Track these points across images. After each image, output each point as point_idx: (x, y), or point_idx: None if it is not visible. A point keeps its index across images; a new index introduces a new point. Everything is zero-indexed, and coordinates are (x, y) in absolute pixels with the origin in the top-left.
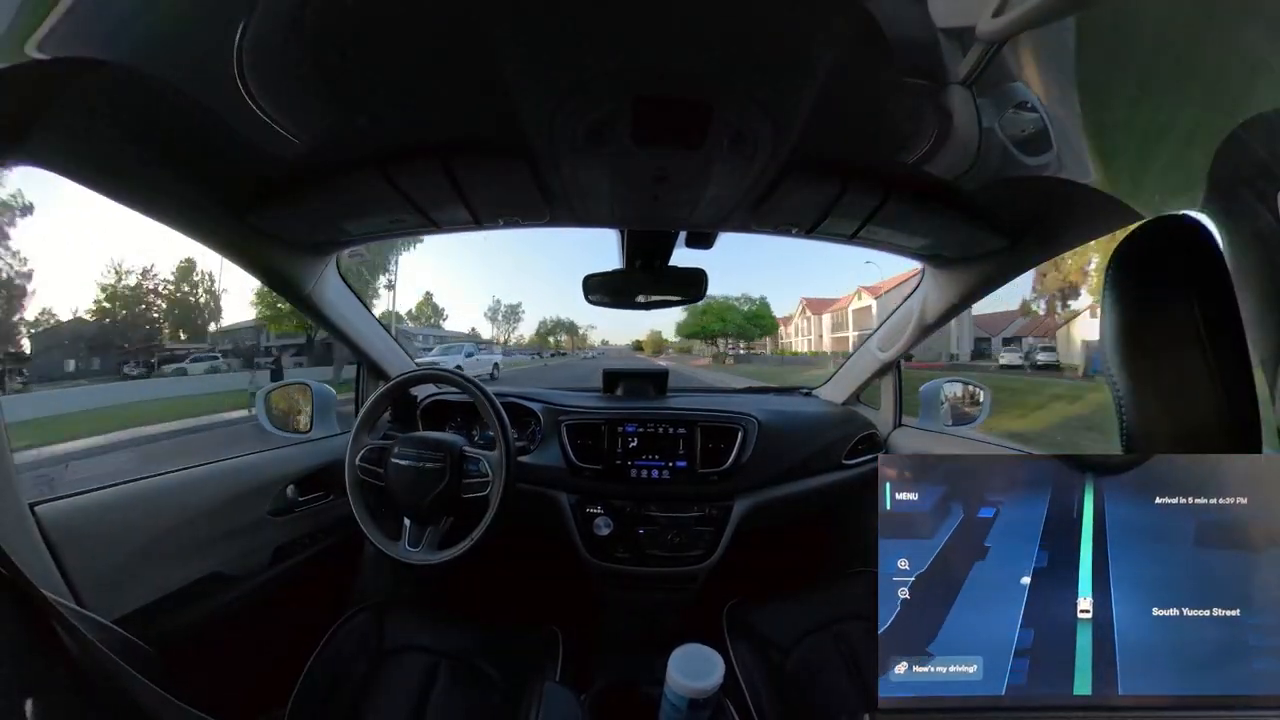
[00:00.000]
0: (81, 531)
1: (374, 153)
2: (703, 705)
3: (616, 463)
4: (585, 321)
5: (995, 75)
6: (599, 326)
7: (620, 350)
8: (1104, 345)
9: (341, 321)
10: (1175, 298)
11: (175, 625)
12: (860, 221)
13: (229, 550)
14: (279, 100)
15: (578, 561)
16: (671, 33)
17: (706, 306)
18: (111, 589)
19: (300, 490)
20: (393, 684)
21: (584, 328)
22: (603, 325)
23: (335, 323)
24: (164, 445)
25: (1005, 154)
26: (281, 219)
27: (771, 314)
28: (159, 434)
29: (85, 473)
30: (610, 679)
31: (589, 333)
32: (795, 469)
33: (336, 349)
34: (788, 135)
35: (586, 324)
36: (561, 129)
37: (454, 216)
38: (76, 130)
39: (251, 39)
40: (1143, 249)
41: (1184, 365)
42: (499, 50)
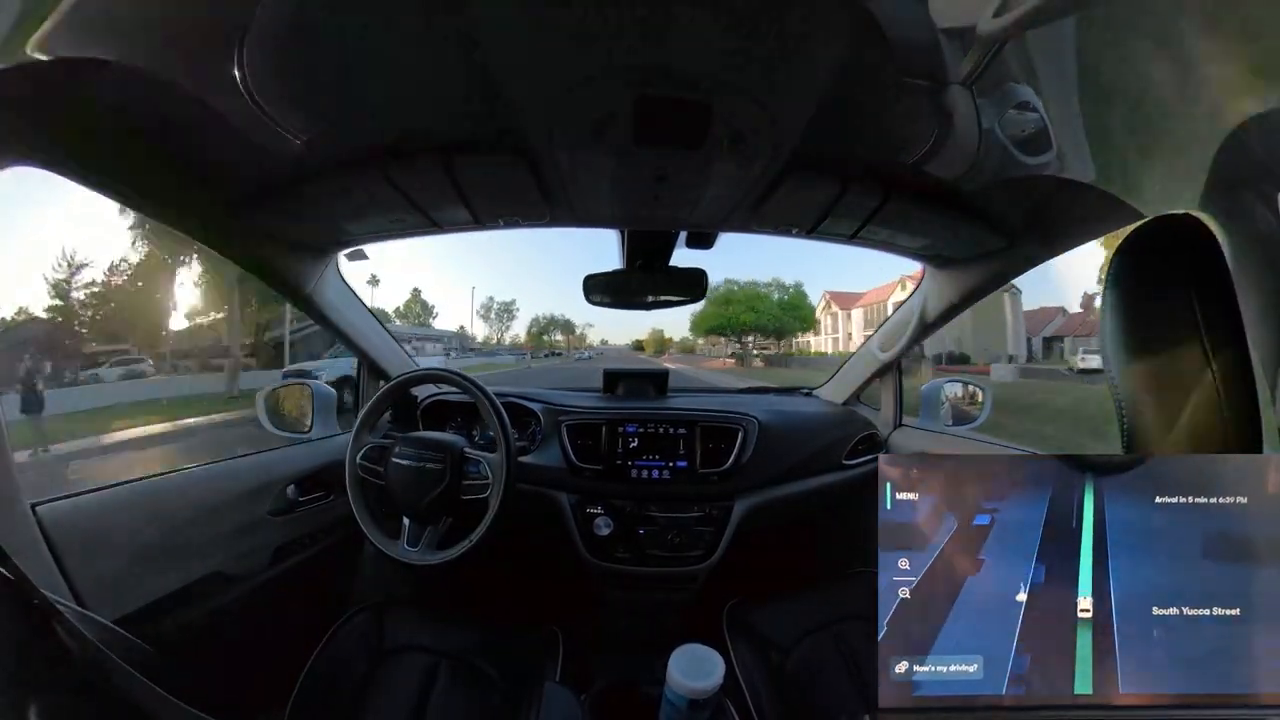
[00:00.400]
0: (82, 532)
1: (374, 152)
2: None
3: (617, 463)
4: (583, 320)
5: (995, 75)
6: (597, 325)
7: (620, 350)
8: (1104, 344)
9: (342, 321)
10: (1176, 297)
11: (176, 625)
12: (861, 221)
13: (229, 550)
14: (280, 100)
15: (578, 561)
16: (672, 32)
17: (729, 295)
18: (112, 589)
19: (300, 490)
20: (393, 684)
21: (581, 326)
22: (602, 324)
23: (335, 322)
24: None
25: (1006, 154)
26: (282, 219)
27: (809, 303)
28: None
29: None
30: (610, 679)
31: (586, 331)
32: (796, 469)
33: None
34: (788, 135)
35: (584, 322)
36: (562, 129)
37: (454, 216)
38: (76, 130)
39: (253, 38)
40: (1143, 248)
41: (1184, 364)
42: (500, 50)
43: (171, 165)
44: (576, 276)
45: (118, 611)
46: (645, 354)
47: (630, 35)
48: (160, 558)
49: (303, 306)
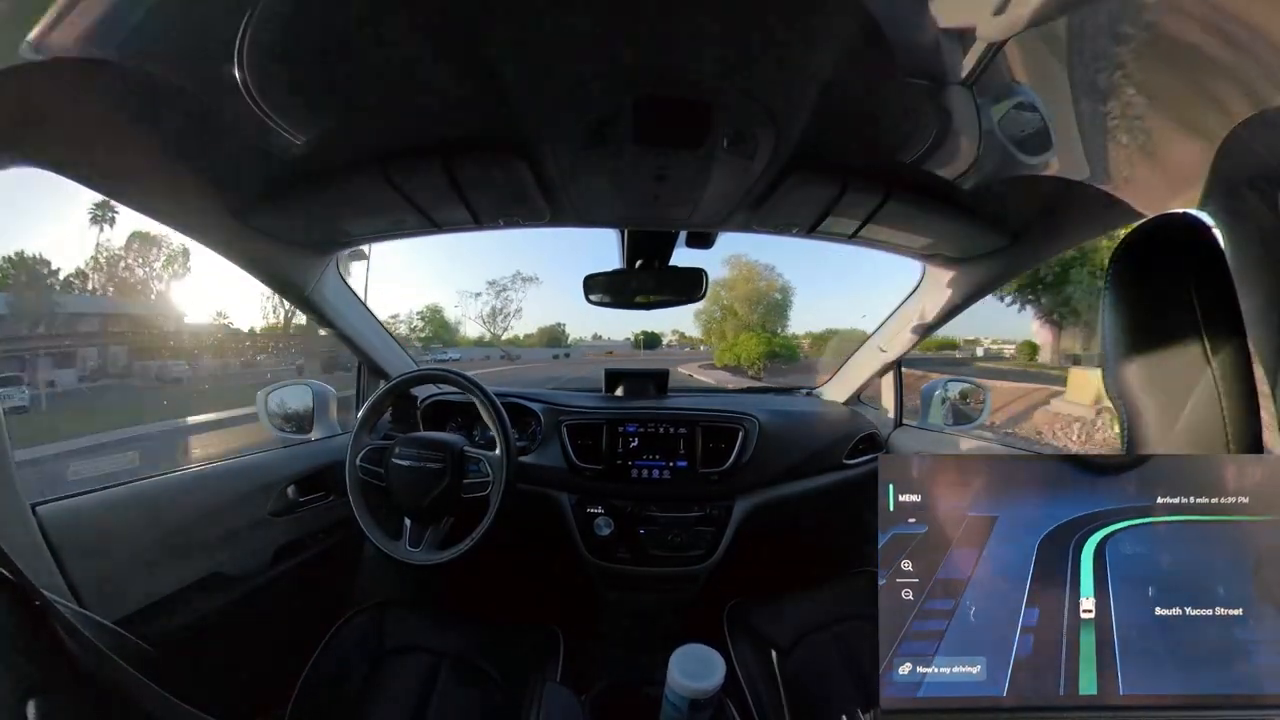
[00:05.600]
0: (83, 532)
1: (374, 153)
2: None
3: (617, 463)
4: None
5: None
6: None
7: (616, 349)
8: (1105, 343)
9: (341, 321)
10: (1176, 295)
11: (176, 626)
12: (861, 221)
13: (230, 551)
14: (280, 100)
15: (578, 561)
16: (672, 32)
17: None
18: (113, 589)
19: (301, 491)
20: (393, 684)
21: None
22: (590, 325)
23: (335, 323)
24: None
25: (1006, 153)
26: (282, 219)
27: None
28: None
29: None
30: (611, 679)
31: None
32: (796, 469)
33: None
34: (788, 135)
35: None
36: (562, 129)
37: (454, 217)
38: (76, 130)
39: (253, 39)
40: (1144, 247)
41: (1185, 363)
42: (500, 50)
43: (172, 165)
44: (567, 273)
45: (118, 612)
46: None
47: (631, 36)
48: (161, 558)
49: (303, 307)
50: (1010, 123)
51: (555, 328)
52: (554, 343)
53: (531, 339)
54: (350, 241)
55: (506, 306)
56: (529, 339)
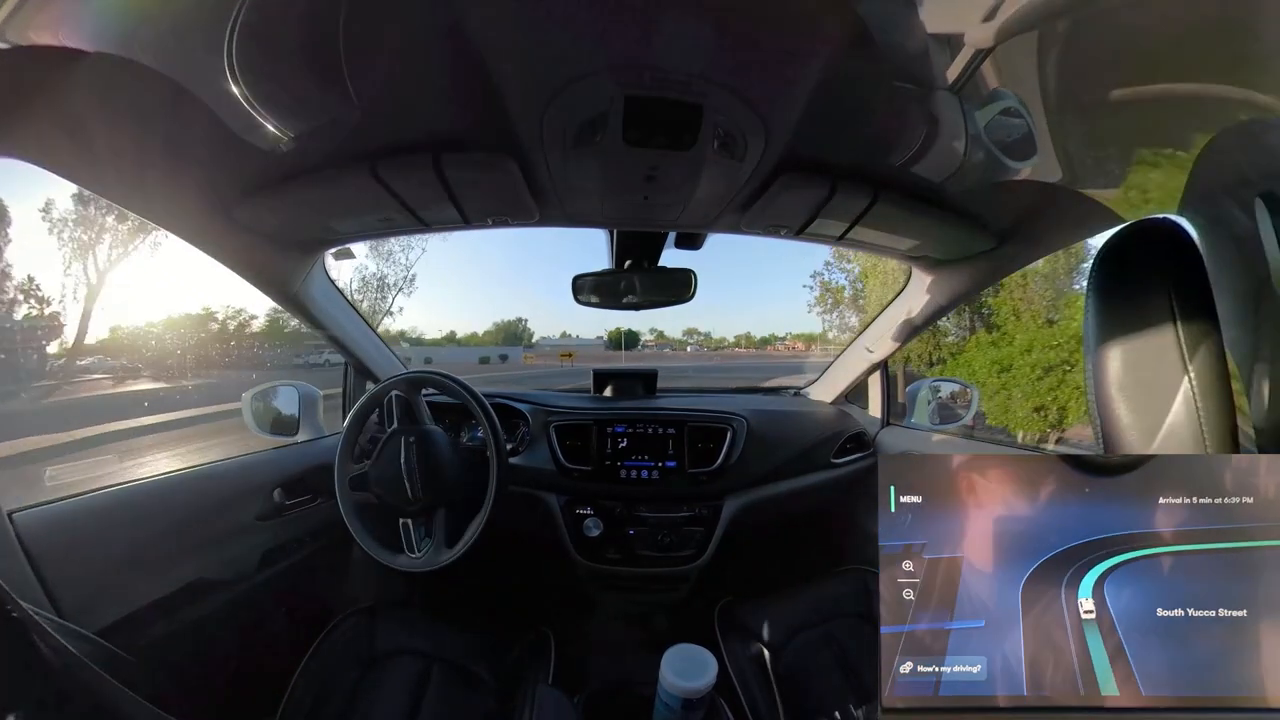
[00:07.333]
0: (61, 540)
1: (363, 150)
2: (696, 705)
3: (606, 463)
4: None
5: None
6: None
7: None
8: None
9: (328, 321)
10: (1155, 298)
11: (160, 635)
12: (849, 223)
13: (215, 556)
14: (268, 95)
15: (568, 563)
16: (661, 33)
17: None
18: (93, 599)
19: (287, 494)
20: (384, 689)
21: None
22: (562, 322)
23: (322, 322)
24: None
25: (992, 158)
26: (268, 216)
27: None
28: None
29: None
30: (603, 680)
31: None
32: (784, 468)
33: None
34: (777, 136)
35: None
36: (552, 128)
37: (442, 215)
38: (59, 123)
39: (242, 32)
40: (1124, 251)
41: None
42: (489, 48)
43: (157, 159)
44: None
45: (99, 622)
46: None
47: (621, 35)
48: (143, 565)
49: (288, 306)
50: (996, 128)
51: (515, 324)
52: (512, 341)
53: (490, 335)
54: (337, 240)
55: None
56: (486, 336)
